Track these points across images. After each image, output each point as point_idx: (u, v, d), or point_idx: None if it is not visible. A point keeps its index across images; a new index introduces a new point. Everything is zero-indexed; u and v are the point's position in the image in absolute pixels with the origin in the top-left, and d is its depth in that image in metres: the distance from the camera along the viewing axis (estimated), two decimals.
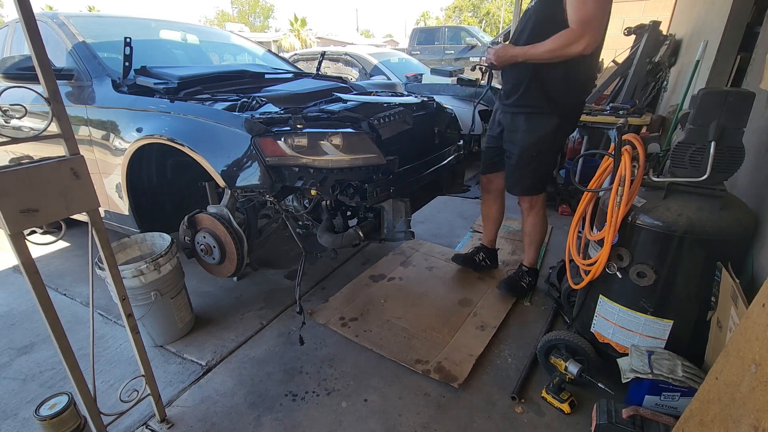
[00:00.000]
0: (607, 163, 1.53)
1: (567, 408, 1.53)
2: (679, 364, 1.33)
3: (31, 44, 0.99)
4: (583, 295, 1.65)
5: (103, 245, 1.22)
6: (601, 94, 4.21)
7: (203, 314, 2.15)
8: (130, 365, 1.80)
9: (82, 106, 2.14)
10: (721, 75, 2.58)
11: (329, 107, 1.94)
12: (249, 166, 1.70)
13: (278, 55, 3.62)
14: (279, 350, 1.89)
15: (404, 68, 5.88)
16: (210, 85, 2.15)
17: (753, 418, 0.83)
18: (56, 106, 1.06)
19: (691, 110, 1.34)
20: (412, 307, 2.18)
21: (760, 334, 0.88)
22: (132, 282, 1.70)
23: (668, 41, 3.90)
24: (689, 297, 1.37)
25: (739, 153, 1.27)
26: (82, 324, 2.09)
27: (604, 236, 1.40)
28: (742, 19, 2.46)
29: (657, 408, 1.37)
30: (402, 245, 2.84)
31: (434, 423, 1.51)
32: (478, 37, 10.00)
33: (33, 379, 1.75)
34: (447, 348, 1.86)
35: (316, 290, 2.39)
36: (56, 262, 2.73)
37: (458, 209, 3.63)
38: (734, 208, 1.31)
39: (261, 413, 1.56)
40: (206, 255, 2.00)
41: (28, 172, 0.99)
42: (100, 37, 2.43)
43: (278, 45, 21.77)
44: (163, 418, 1.52)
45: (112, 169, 2.11)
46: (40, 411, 1.29)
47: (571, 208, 3.48)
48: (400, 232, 1.95)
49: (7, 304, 2.28)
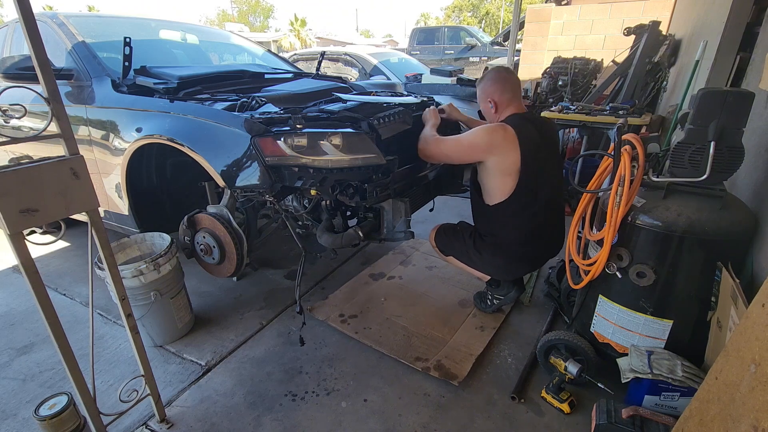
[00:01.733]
0: (607, 163, 1.53)
1: (567, 408, 1.53)
2: (678, 364, 1.34)
3: (31, 44, 0.99)
4: (583, 295, 1.65)
5: (102, 245, 1.22)
6: (600, 94, 4.22)
7: (203, 314, 2.15)
8: (130, 365, 1.80)
9: (81, 106, 2.14)
10: (721, 75, 2.58)
11: (329, 107, 1.93)
12: (249, 166, 1.70)
13: (278, 55, 3.62)
14: (279, 350, 1.89)
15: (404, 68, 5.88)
16: (209, 85, 2.14)
17: (753, 418, 0.83)
18: (56, 105, 1.05)
19: (690, 110, 1.34)
20: (412, 306, 2.18)
21: (760, 334, 0.88)
22: (132, 282, 1.70)
23: (668, 41, 3.91)
24: (689, 297, 1.37)
25: (739, 153, 1.27)
26: (81, 324, 2.09)
27: (604, 236, 1.40)
28: (741, 19, 2.45)
29: (657, 408, 1.37)
30: (402, 244, 2.84)
31: (434, 423, 1.52)
32: (477, 37, 10.00)
33: (33, 379, 1.75)
34: (447, 347, 1.86)
35: (315, 290, 2.39)
36: (56, 262, 2.73)
37: (458, 209, 3.63)
38: (734, 208, 1.31)
39: (261, 413, 1.56)
40: (206, 255, 2.00)
41: (28, 172, 0.99)
42: (100, 37, 2.43)
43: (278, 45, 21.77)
44: (163, 418, 1.52)
45: (111, 169, 2.11)
46: (40, 411, 1.29)
47: (571, 208, 3.48)
48: (400, 232, 1.95)
49: (7, 304, 2.28)
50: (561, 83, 4.70)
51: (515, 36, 5.96)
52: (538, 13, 5.98)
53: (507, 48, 6.89)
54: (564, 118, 3.23)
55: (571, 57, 4.78)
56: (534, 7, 6.10)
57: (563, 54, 5.06)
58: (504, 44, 9.27)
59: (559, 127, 3.36)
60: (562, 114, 3.25)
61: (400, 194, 1.87)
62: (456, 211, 3.59)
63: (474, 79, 4.38)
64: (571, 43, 5.84)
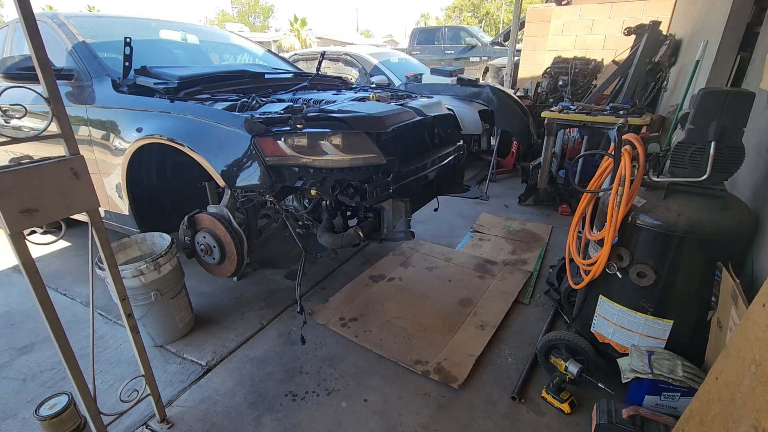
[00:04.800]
0: (607, 163, 1.53)
1: (567, 408, 1.53)
2: (679, 364, 1.33)
3: (31, 44, 0.99)
4: (583, 295, 1.65)
5: (103, 245, 1.22)
6: (601, 94, 4.22)
7: (203, 314, 2.15)
8: (130, 365, 1.80)
9: (82, 106, 2.14)
10: (721, 75, 2.58)
11: (329, 107, 1.94)
12: (249, 166, 1.70)
13: (278, 55, 3.62)
14: (279, 350, 1.89)
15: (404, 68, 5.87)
16: (210, 85, 2.14)
17: (753, 418, 0.82)
18: (56, 106, 1.06)
19: (691, 110, 1.34)
20: (412, 307, 2.17)
21: (760, 334, 0.88)
22: (132, 282, 1.70)
23: (668, 41, 3.90)
24: (689, 297, 1.37)
25: (739, 153, 1.27)
26: (82, 324, 2.09)
27: (604, 236, 1.40)
28: (742, 19, 2.46)
29: (657, 408, 1.37)
30: (402, 246, 2.84)
31: (434, 423, 1.51)
32: (478, 37, 9.99)
33: (33, 379, 1.75)
34: (447, 348, 1.86)
35: (316, 290, 2.39)
36: (56, 262, 2.73)
37: (458, 209, 3.63)
38: (734, 208, 1.31)
39: (261, 413, 1.56)
40: (206, 255, 2.00)
41: (28, 172, 0.99)
42: (100, 37, 2.43)
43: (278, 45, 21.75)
44: (163, 418, 1.52)
45: (112, 169, 2.11)
46: (40, 411, 1.29)
47: (571, 208, 3.48)
48: (400, 232, 1.95)
49: (7, 304, 2.28)
50: (561, 83, 4.70)
51: (515, 36, 5.96)
52: (538, 13, 5.98)
53: (507, 48, 6.88)
54: (564, 118, 3.23)
55: (571, 57, 4.78)
56: (534, 7, 6.10)
57: (563, 54, 5.07)
58: (504, 44, 9.26)
59: (560, 127, 3.36)
60: (562, 114, 3.25)
61: (400, 194, 1.87)
62: (456, 211, 3.59)
63: (474, 79, 4.38)
64: (571, 43, 5.84)
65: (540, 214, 3.52)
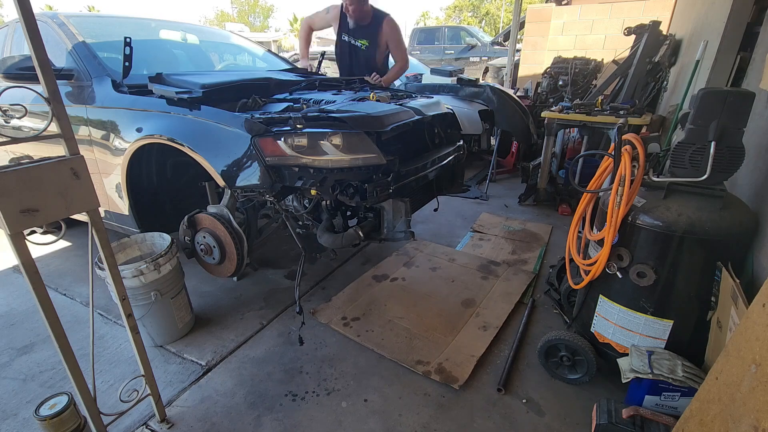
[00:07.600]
0: (607, 163, 1.53)
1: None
2: (679, 364, 1.34)
3: (31, 44, 0.99)
4: (583, 295, 1.65)
5: (103, 245, 1.22)
6: (601, 94, 4.21)
7: (203, 314, 2.15)
8: (130, 365, 1.80)
9: (82, 106, 2.14)
10: (721, 75, 2.58)
11: (329, 107, 1.94)
12: (249, 166, 1.70)
13: (278, 55, 3.62)
14: (279, 350, 1.89)
15: None
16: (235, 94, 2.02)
17: (753, 418, 0.82)
18: (56, 106, 1.05)
19: (691, 110, 1.34)
20: (414, 307, 2.17)
21: (760, 334, 0.88)
22: (132, 282, 1.70)
23: (668, 41, 3.90)
24: (689, 297, 1.37)
25: (739, 153, 1.27)
26: (82, 324, 2.09)
27: (604, 236, 1.40)
28: (742, 19, 2.46)
29: (657, 408, 1.37)
30: (406, 246, 2.83)
31: (434, 423, 1.51)
32: (478, 37, 9.99)
33: (33, 378, 1.75)
34: (448, 348, 1.86)
35: (316, 290, 2.39)
36: (56, 262, 2.73)
37: (458, 209, 3.63)
38: (734, 208, 1.31)
39: (261, 413, 1.56)
40: (206, 255, 2.00)
41: (28, 172, 0.99)
42: (100, 37, 2.43)
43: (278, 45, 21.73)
44: (163, 418, 1.52)
45: (112, 169, 2.11)
46: (40, 411, 1.29)
47: (571, 207, 3.48)
48: (400, 232, 1.95)
49: (7, 304, 2.28)
50: (561, 83, 4.70)
51: (515, 36, 5.96)
52: (538, 13, 5.98)
53: (507, 48, 6.88)
54: (564, 118, 3.23)
55: (571, 57, 4.78)
56: (534, 7, 6.10)
57: (563, 54, 5.06)
58: (504, 44, 9.27)
59: (559, 127, 3.36)
60: (562, 114, 3.25)
61: (401, 194, 1.87)
62: (456, 211, 3.59)
63: (474, 79, 4.37)
64: (571, 43, 5.84)
65: (540, 214, 3.52)
